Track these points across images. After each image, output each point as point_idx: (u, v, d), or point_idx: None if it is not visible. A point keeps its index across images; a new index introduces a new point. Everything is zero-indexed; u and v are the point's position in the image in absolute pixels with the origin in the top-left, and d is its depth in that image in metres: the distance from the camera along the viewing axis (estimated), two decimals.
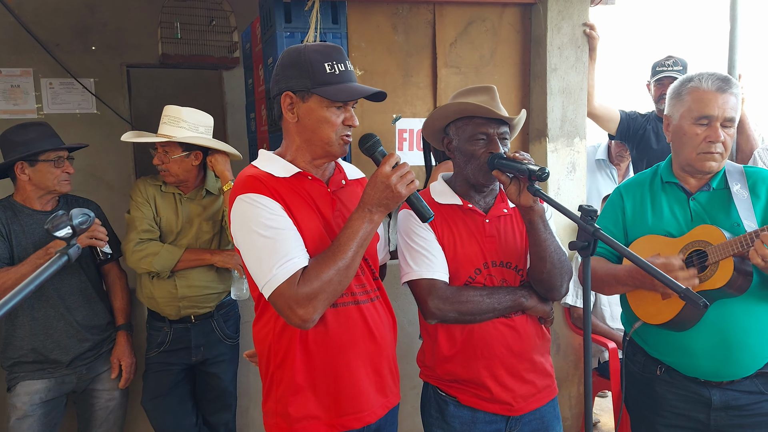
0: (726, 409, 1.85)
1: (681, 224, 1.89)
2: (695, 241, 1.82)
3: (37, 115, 4.46)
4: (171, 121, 2.54)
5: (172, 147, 2.54)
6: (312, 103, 1.60)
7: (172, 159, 2.54)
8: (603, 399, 4.16)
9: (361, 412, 1.66)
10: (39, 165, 2.43)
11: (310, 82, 1.58)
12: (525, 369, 1.85)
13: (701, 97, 1.84)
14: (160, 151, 2.55)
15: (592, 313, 3.40)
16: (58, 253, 0.99)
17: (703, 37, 8.14)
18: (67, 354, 2.46)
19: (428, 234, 1.84)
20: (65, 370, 2.48)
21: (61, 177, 2.48)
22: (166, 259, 2.53)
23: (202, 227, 2.64)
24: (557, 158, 3.32)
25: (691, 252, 1.82)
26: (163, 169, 2.57)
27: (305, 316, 1.50)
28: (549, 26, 3.24)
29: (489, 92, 1.88)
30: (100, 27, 4.60)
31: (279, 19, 2.96)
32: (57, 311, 2.45)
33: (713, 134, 1.82)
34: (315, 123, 1.61)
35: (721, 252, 1.74)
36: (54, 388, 2.47)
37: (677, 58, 3.51)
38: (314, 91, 1.58)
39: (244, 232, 1.57)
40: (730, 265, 1.74)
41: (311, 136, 1.63)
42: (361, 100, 1.68)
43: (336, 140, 1.62)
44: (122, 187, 4.65)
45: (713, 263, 1.76)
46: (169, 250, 2.54)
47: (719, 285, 1.75)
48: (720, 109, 1.81)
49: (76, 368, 2.50)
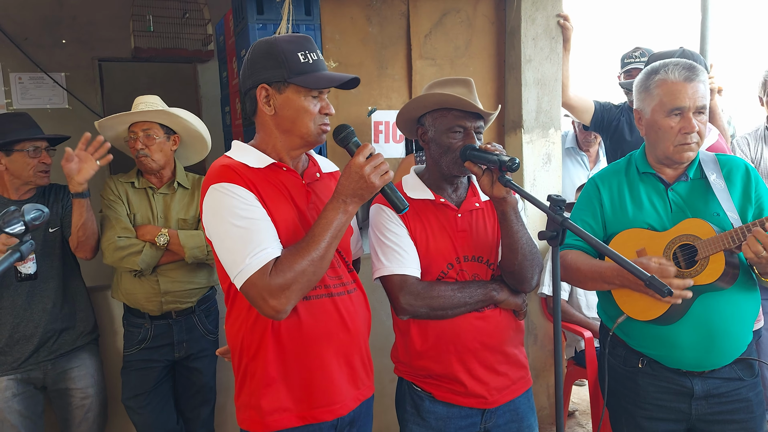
0: (707, 397, 1.86)
1: (661, 216, 1.89)
2: (683, 235, 1.81)
3: (6, 110, 4.37)
4: (147, 107, 2.52)
5: (155, 129, 2.52)
6: (289, 93, 1.59)
7: (155, 141, 2.51)
8: (580, 388, 4.20)
9: (333, 405, 1.66)
10: (14, 155, 2.42)
11: (286, 72, 1.57)
12: (498, 361, 1.86)
13: (670, 90, 1.83)
14: (141, 135, 2.51)
15: (569, 303, 3.42)
16: (10, 250, 0.96)
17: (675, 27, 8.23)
18: (30, 345, 2.43)
19: (400, 229, 1.84)
20: (29, 365, 2.45)
21: (38, 168, 2.45)
22: (150, 256, 2.49)
23: (179, 221, 2.61)
24: (532, 149, 3.33)
25: (679, 246, 1.81)
26: (144, 153, 2.52)
27: (278, 307, 1.49)
28: (523, 17, 3.24)
29: (467, 85, 1.87)
30: (69, 20, 4.51)
31: (251, 11, 2.92)
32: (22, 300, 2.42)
33: (688, 125, 1.82)
34: (294, 113, 1.60)
35: (712, 247, 1.73)
36: (22, 381, 2.45)
37: (645, 49, 3.54)
38: (291, 80, 1.57)
39: (216, 221, 1.55)
40: (722, 260, 1.73)
41: (290, 126, 1.62)
42: (336, 92, 1.67)
43: (315, 129, 1.62)
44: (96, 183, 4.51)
45: (703, 258, 1.75)
46: (151, 246, 2.50)
47: (711, 280, 1.74)
48: (691, 99, 1.81)
49: (40, 362, 2.47)
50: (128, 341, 2.64)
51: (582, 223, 1.99)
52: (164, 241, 2.50)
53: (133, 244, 2.49)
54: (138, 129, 2.52)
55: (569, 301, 3.44)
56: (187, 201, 2.64)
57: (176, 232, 2.54)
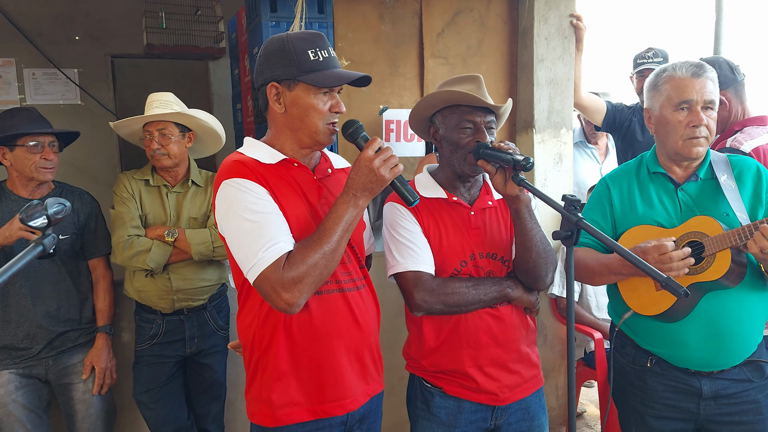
0: (716, 398, 1.86)
1: (671, 215, 1.89)
2: (691, 232, 1.81)
3: (19, 105, 4.41)
4: (161, 105, 2.52)
5: (171, 128, 2.53)
6: (298, 91, 1.59)
7: (171, 140, 2.52)
8: (589, 389, 4.19)
9: (344, 399, 1.66)
10: (17, 150, 2.39)
11: (295, 70, 1.57)
12: (511, 359, 1.85)
13: (678, 84, 1.85)
14: (156, 134, 2.52)
15: (579, 304, 3.42)
16: (33, 243, 0.97)
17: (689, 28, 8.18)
18: (34, 344, 2.43)
19: (414, 226, 1.84)
20: (30, 361, 2.45)
21: (39, 164, 2.40)
22: (159, 255, 2.49)
23: (191, 220, 2.61)
24: (544, 149, 3.32)
25: (687, 243, 1.81)
26: (162, 153, 2.52)
27: (291, 300, 1.49)
28: (536, 17, 3.24)
29: (475, 81, 1.87)
30: (82, 17, 4.54)
31: (264, 9, 2.93)
32: (27, 301, 2.41)
33: (695, 118, 1.83)
34: (302, 111, 1.60)
35: (719, 244, 1.73)
36: (25, 375, 2.45)
37: (657, 49, 3.52)
38: (300, 78, 1.57)
39: (229, 216, 1.56)
40: (728, 257, 1.73)
41: (299, 124, 1.62)
42: (348, 90, 1.68)
43: (323, 128, 1.62)
44: (107, 179, 4.59)
45: (710, 255, 1.75)
46: (161, 246, 2.51)
47: (716, 277, 1.74)
48: (698, 93, 1.82)
49: (41, 359, 2.46)
50: (140, 336, 2.65)
51: (592, 222, 1.98)
52: (173, 236, 2.51)
53: (143, 243, 2.49)
54: (153, 128, 2.52)
55: (579, 302, 3.43)
56: (200, 199, 2.65)
57: (183, 229, 2.55)
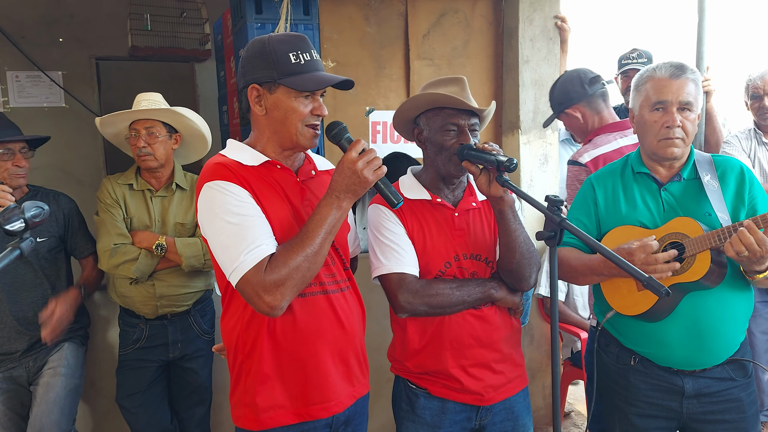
0: (698, 396, 1.88)
1: (654, 215, 1.91)
2: (672, 233, 1.83)
3: (3, 108, 4.35)
4: (150, 105, 2.51)
5: (158, 127, 2.50)
6: (279, 94, 1.59)
7: (158, 140, 2.50)
8: (576, 388, 4.21)
9: (328, 402, 1.66)
10: None
11: (276, 73, 1.57)
12: (495, 359, 1.86)
13: (655, 85, 1.88)
14: (143, 132, 2.49)
15: (565, 303, 3.43)
16: (10, 247, 0.96)
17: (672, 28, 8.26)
18: (14, 348, 2.41)
19: (398, 228, 1.84)
20: (11, 363, 2.43)
21: (12, 170, 2.39)
22: (146, 265, 2.47)
23: (177, 225, 2.59)
24: (530, 150, 3.34)
25: (668, 244, 1.83)
26: (147, 152, 2.49)
27: (273, 303, 1.49)
28: (521, 18, 3.25)
29: (459, 83, 1.88)
30: (67, 19, 4.50)
31: (249, 11, 2.92)
32: (4, 306, 2.40)
33: (669, 119, 1.85)
34: (283, 114, 1.60)
35: (699, 245, 1.76)
36: (6, 379, 2.43)
37: (642, 50, 3.55)
38: (281, 81, 1.57)
39: (211, 219, 1.55)
40: (707, 258, 1.75)
41: (280, 127, 1.62)
42: (334, 92, 1.67)
43: (304, 131, 1.61)
44: (92, 182, 4.55)
45: (690, 256, 1.77)
46: (148, 256, 2.48)
47: (696, 278, 1.76)
48: (674, 94, 1.85)
49: (21, 361, 2.45)
50: (123, 341, 2.64)
51: (576, 221, 2.01)
52: (161, 250, 2.48)
53: (129, 252, 2.46)
54: (140, 126, 2.50)
55: (566, 301, 3.45)
56: (186, 204, 2.63)
57: (173, 240, 2.51)
